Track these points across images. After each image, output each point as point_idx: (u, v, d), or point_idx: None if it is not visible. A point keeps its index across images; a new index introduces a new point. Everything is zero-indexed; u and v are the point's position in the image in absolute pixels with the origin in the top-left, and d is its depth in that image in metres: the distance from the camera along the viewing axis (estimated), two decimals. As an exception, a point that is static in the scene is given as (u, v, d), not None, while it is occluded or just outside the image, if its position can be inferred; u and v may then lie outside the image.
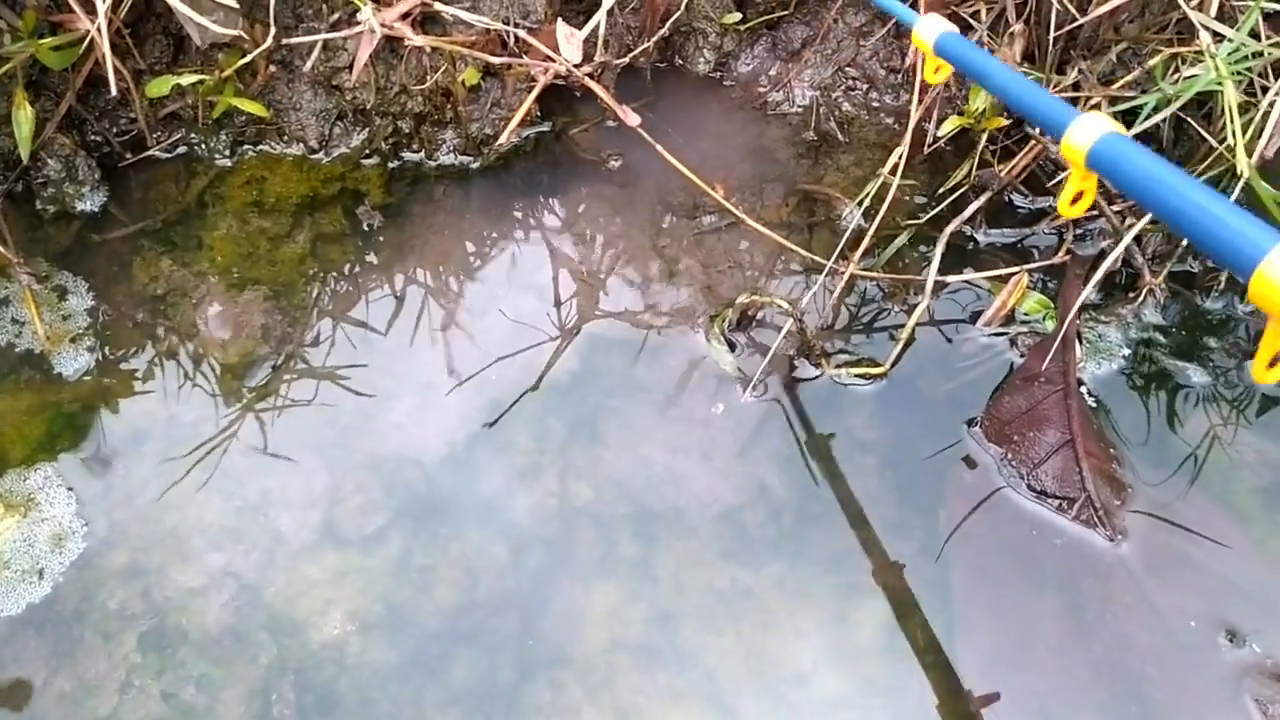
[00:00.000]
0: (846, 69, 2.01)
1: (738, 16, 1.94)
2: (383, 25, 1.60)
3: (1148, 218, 1.65)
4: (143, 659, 1.44)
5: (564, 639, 1.46)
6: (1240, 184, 1.54)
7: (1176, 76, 1.57)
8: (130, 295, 1.77)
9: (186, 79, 1.76)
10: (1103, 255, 1.64)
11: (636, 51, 1.88)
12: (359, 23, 1.63)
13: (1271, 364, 0.90)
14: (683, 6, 1.88)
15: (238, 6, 1.69)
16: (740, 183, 1.93)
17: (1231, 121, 1.45)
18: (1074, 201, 1.04)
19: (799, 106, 2.03)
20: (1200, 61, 1.52)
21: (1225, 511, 1.54)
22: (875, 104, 2.02)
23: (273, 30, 1.72)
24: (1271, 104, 1.53)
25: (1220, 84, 1.44)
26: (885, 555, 1.52)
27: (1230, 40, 1.51)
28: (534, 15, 1.85)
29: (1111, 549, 1.49)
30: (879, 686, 1.42)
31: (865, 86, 2.01)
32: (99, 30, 1.59)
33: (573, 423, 1.65)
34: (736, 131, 2.01)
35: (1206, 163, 1.66)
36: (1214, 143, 1.60)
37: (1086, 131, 0.96)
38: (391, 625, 1.46)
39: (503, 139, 1.75)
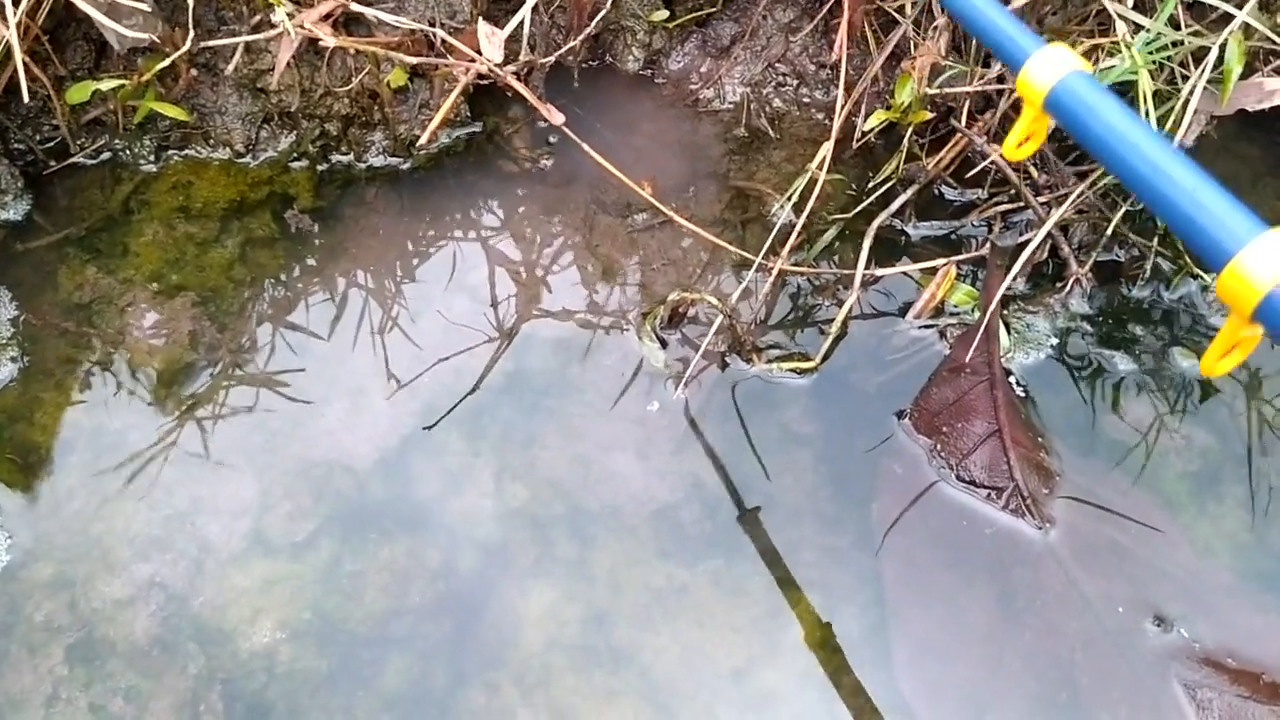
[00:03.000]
0: (776, 65, 2.01)
1: (666, 14, 1.93)
2: (299, 28, 1.58)
3: (1067, 207, 1.67)
4: (70, 671, 1.43)
5: (499, 642, 1.46)
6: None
7: (1096, 67, 1.59)
8: (55, 304, 1.75)
9: (107, 84, 1.74)
10: (1025, 246, 1.65)
11: (563, 50, 1.88)
12: (275, 25, 1.61)
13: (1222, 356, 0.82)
14: (609, 4, 1.87)
15: (148, 9, 1.67)
16: (674, 180, 1.93)
17: (1147, 110, 1.46)
18: (1021, 144, 0.93)
19: (730, 103, 2.03)
20: (1119, 52, 1.53)
21: (1153, 498, 1.56)
22: (806, 100, 2.02)
23: (191, 33, 1.70)
24: (1190, 92, 1.55)
25: (1135, 73, 1.46)
26: (820, 549, 1.53)
27: (1148, 30, 1.53)
28: (460, 15, 1.83)
29: (1040, 537, 1.50)
30: (814, 680, 1.43)
31: (795, 82, 2.01)
32: (12, 38, 1.56)
33: (507, 424, 1.65)
34: (668, 129, 2.01)
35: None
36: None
37: (1049, 68, 0.84)
38: (322, 633, 1.45)
39: (424, 139, 1.74)
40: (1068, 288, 1.71)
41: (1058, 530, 1.50)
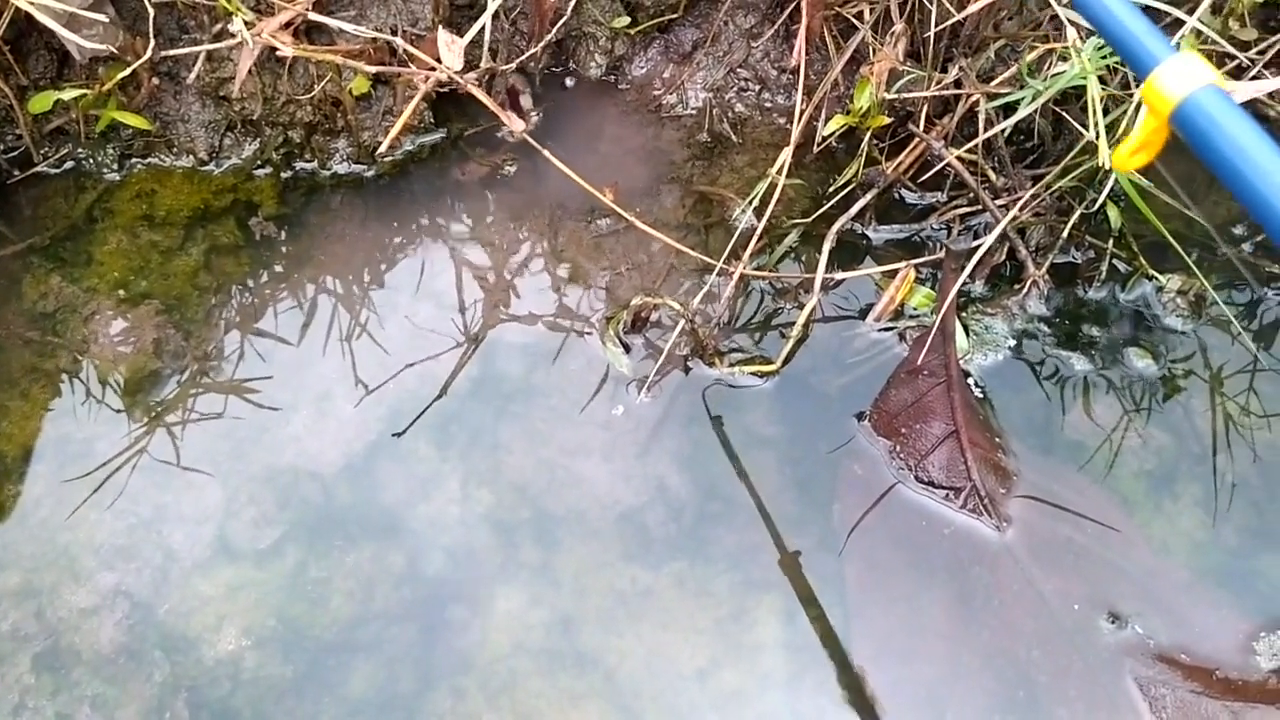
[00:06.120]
0: (738, 70, 2.02)
1: (627, 20, 1.94)
2: (257, 37, 1.59)
3: (1020, 209, 1.69)
4: (36, 680, 1.43)
5: (464, 646, 1.47)
6: (1112, 178, 1.58)
7: (1049, 72, 1.61)
8: (20, 313, 1.75)
9: (69, 94, 1.74)
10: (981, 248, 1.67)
11: (524, 57, 1.89)
12: (233, 34, 1.62)
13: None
14: (570, 10, 1.88)
15: (107, 20, 1.67)
16: (637, 185, 1.94)
17: (1095, 115, 1.48)
18: (1135, 153, 0.86)
19: (693, 108, 2.04)
20: (1070, 56, 1.55)
21: (1110, 496, 1.58)
22: (768, 104, 2.04)
23: (152, 42, 1.70)
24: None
25: (1085, 78, 1.48)
26: (783, 550, 1.55)
27: (1099, 36, 1.54)
28: (423, 22, 1.84)
29: (998, 537, 1.52)
30: (776, 680, 1.44)
31: (757, 87, 2.03)
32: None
33: (473, 429, 1.66)
34: (632, 134, 2.02)
35: (1075, 153, 1.69)
36: (1090, 136, 1.64)
37: (1181, 79, 0.77)
38: (287, 639, 1.46)
39: (384, 147, 1.75)
40: (1025, 290, 1.73)
41: (1015, 529, 1.52)
